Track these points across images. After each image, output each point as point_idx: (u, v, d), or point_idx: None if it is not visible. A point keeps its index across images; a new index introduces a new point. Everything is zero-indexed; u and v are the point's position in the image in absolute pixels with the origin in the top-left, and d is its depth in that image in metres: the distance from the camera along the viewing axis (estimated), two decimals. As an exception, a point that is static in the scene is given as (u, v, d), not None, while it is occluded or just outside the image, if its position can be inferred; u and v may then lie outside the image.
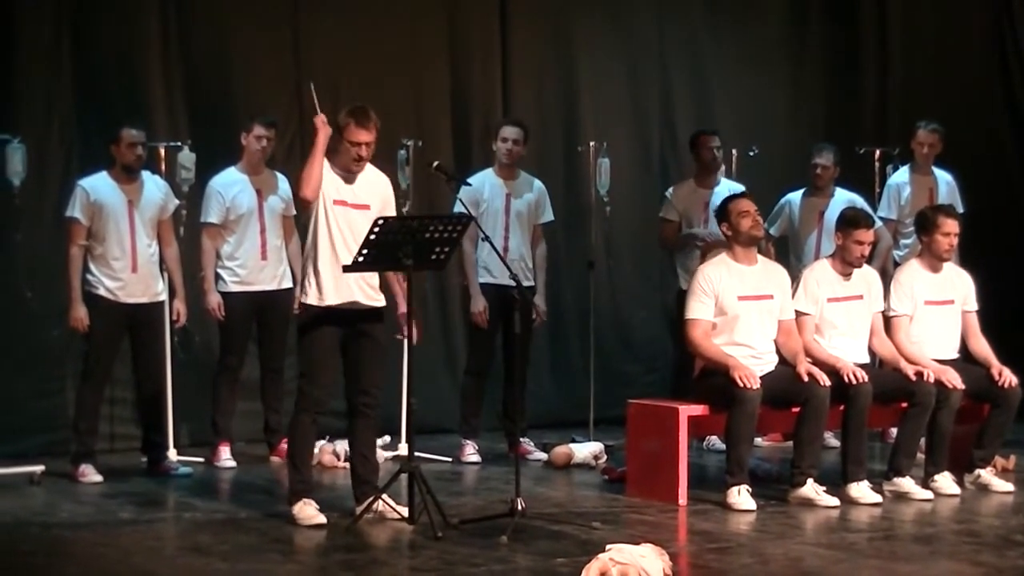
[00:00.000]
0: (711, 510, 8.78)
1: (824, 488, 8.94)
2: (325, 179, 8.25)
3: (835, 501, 8.88)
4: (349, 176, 8.33)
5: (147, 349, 9.97)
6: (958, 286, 9.75)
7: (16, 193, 9.95)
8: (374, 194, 8.41)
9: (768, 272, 9.30)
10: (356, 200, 8.32)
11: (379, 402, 8.45)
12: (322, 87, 11.38)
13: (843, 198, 11.00)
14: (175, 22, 11.11)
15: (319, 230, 8.25)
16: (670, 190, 11.19)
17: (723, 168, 11.43)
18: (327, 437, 10.17)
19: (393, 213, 8.48)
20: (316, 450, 10.14)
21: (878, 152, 12.11)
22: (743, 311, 9.08)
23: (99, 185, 9.76)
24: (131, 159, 9.76)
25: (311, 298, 8.25)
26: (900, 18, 13.56)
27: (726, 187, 10.91)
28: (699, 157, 11.09)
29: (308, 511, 8.23)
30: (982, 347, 9.69)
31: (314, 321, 8.26)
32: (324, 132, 8.24)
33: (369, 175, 8.44)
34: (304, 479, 8.37)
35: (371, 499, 8.23)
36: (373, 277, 8.36)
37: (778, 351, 9.20)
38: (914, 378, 9.20)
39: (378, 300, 8.39)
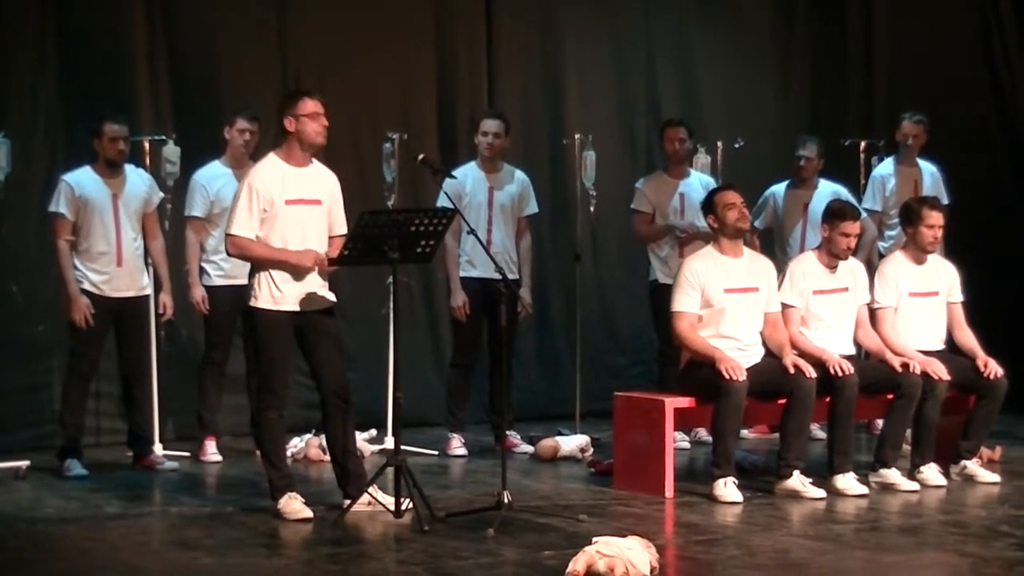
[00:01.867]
0: (697, 502, 8.79)
1: (810, 480, 8.94)
2: (274, 178, 8.18)
3: (821, 493, 8.89)
4: (304, 170, 8.24)
5: (132, 343, 9.94)
6: (943, 277, 9.77)
7: (1, 187, 9.94)
8: (323, 189, 8.35)
9: (754, 264, 9.30)
10: (309, 195, 8.26)
11: (350, 393, 8.43)
12: (307, 81, 11.48)
13: (827, 190, 11.01)
14: (160, 16, 11.09)
15: (272, 233, 8.17)
16: (640, 182, 11.18)
17: (708, 160, 11.47)
18: (313, 431, 10.16)
19: (341, 210, 8.44)
20: (303, 443, 10.19)
21: (863, 143, 12.13)
22: (729, 303, 9.09)
23: (83, 179, 9.72)
24: (114, 153, 9.73)
25: (264, 302, 8.20)
26: (886, 9, 13.58)
27: (696, 178, 10.95)
28: (663, 148, 11.12)
29: (294, 505, 8.22)
30: (967, 338, 9.70)
31: (270, 324, 8.21)
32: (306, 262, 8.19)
33: (317, 169, 8.36)
34: (284, 474, 8.36)
35: (361, 493, 8.23)
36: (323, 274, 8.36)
37: (764, 343, 9.21)
38: (900, 370, 9.21)
39: (330, 297, 8.37)
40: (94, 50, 10.88)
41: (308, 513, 8.19)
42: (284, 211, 8.17)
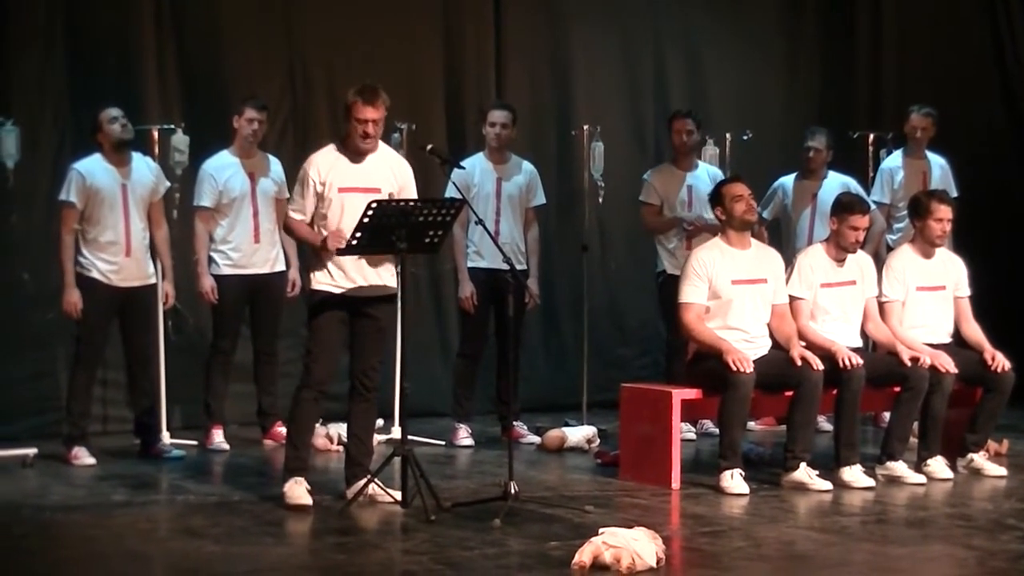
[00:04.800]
0: (704, 494, 8.79)
1: (817, 472, 8.94)
2: (332, 166, 8.23)
3: (828, 485, 8.89)
4: (357, 157, 8.28)
5: (138, 332, 9.93)
6: (950, 271, 9.76)
7: (10, 175, 9.94)
8: (387, 178, 8.34)
9: (761, 256, 9.29)
10: (366, 184, 8.25)
11: (376, 384, 8.42)
12: (316, 70, 11.50)
13: (836, 181, 11.02)
14: (168, 4, 11.10)
15: (326, 218, 8.23)
16: (648, 173, 11.16)
17: (716, 152, 11.46)
18: (320, 420, 10.16)
19: (412, 194, 8.40)
20: (311, 431, 10.20)
21: (871, 136, 12.11)
22: (736, 295, 9.08)
23: (94, 168, 9.71)
24: (117, 132, 9.68)
25: (321, 283, 8.27)
26: (895, 1, 13.56)
27: (704, 170, 10.93)
28: (670, 140, 11.11)
29: (297, 491, 8.22)
30: (974, 332, 9.70)
31: (323, 304, 8.28)
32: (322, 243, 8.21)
33: (384, 158, 8.38)
34: (298, 456, 8.35)
35: (363, 482, 8.24)
36: (387, 259, 8.35)
37: (771, 335, 9.20)
38: (909, 363, 9.19)
39: (390, 284, 8.38)
40: (102, 38, 10.89)
41: (307, 501, 8.18)
42: (336, 198, 8.21)
